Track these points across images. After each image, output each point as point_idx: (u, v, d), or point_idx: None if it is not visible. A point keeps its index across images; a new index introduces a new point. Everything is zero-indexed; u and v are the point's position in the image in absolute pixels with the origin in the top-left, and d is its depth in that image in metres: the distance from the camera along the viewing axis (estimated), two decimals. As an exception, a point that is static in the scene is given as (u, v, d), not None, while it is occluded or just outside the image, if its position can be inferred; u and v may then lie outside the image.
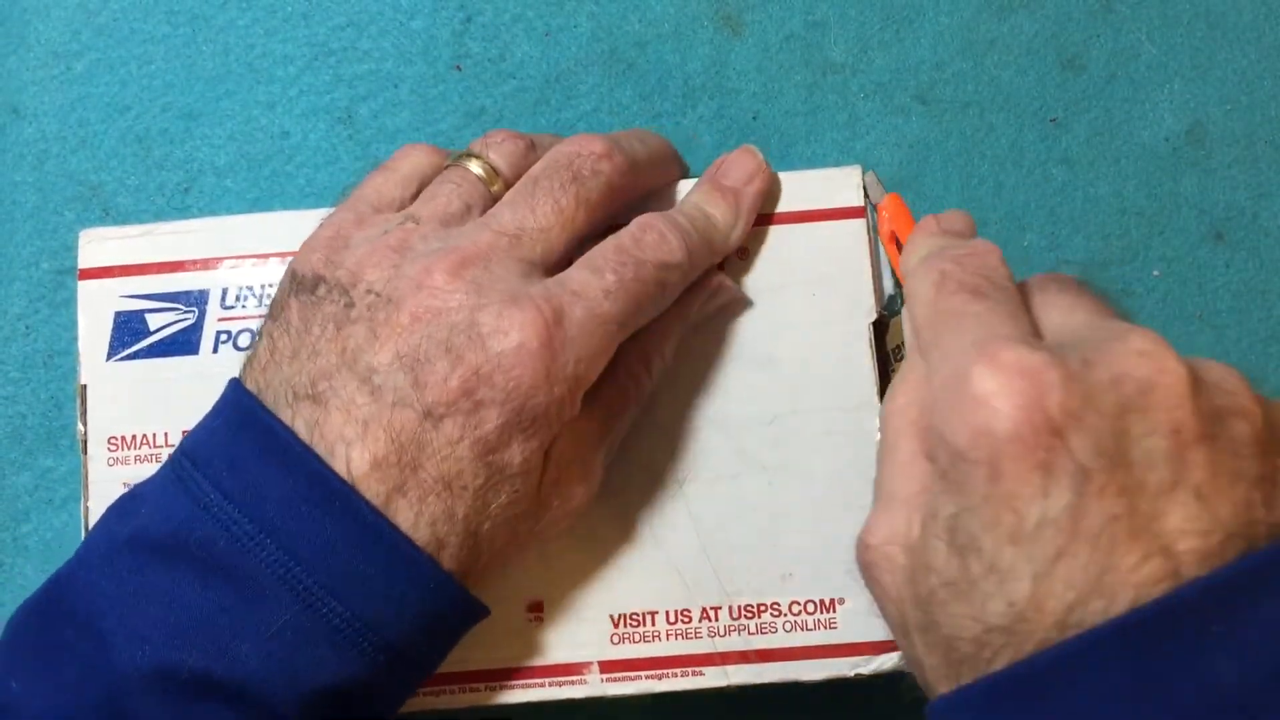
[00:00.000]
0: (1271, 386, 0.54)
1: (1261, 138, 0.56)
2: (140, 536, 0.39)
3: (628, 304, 0.42)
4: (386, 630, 0.38)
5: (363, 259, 0.41)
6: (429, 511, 0.39)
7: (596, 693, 0.45)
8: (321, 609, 0.38)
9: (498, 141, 0.45)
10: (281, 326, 0.41)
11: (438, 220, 0.43)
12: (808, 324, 0.47)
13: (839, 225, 0.48)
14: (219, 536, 0.38)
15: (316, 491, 0.38)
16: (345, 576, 0.38)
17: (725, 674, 0.45)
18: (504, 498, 0.40)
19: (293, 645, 0.37)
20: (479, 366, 0.39)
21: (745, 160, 0.48)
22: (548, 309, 0.40)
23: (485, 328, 0.39)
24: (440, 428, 0.39)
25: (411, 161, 0.46)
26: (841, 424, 0.47)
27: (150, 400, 0.47)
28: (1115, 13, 0.56)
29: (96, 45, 0.56)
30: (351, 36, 0.56)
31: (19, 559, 0.53)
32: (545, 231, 0.42)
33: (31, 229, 0.55)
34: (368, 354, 0.39)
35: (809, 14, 0.56)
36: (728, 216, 0.47)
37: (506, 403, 0.39)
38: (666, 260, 0.43)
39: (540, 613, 0.46)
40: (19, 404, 0.54)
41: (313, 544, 0.38)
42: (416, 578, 0.39)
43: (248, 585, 0.37)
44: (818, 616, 0.45)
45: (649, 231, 0.43)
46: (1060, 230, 0.55)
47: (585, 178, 0.43)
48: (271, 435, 0.39)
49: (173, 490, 0.39)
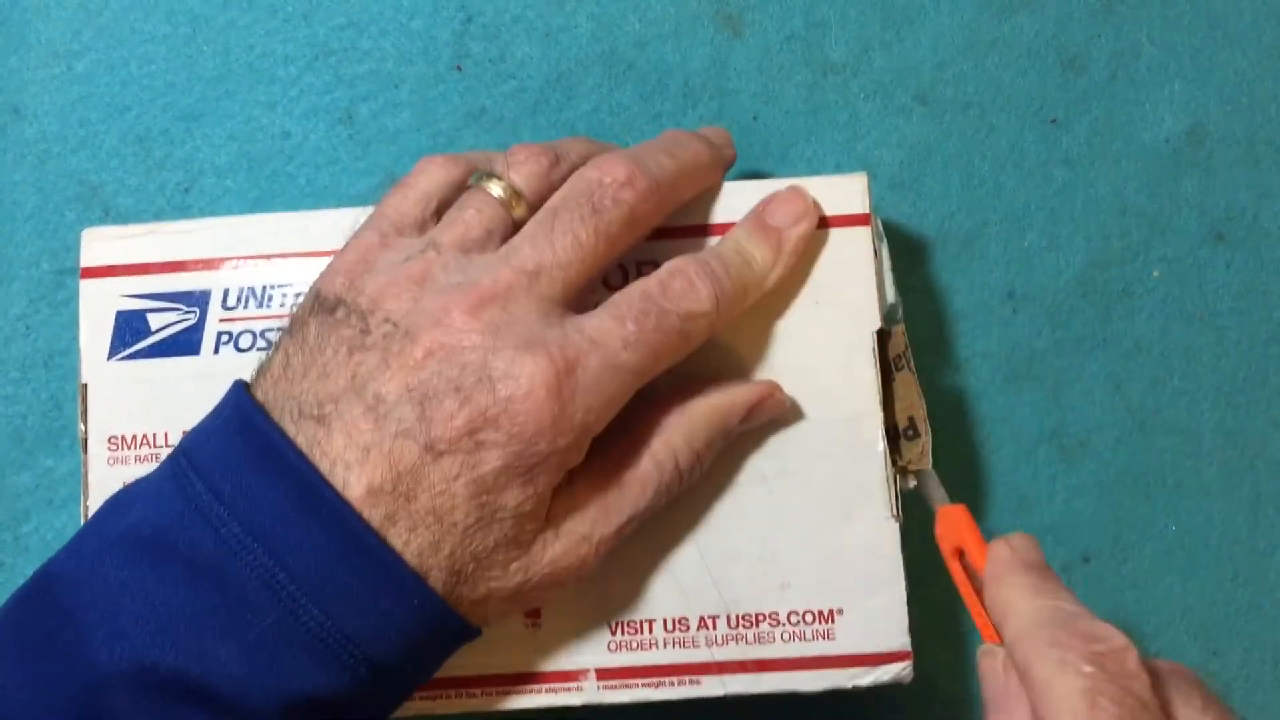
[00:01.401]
0: (1272, 387, 0.54)
1: (1262, 138, 0.55)
2: (130, 533, 0.38)
3: (646, 355, 0.41)
4: (367, 644, 0.38)
5: (384, 287, 0.41)
6: (416, 541, 0.39)
7: (593, 700, 0.45)
8: (303, 617, 0.37)
9: (520, 160, 0.44)
10: (297, 343, 0.41)
11: (458, 248, 0.42)
12: (810, 332, 0.47)
13: (843, 233, 0.47)
14: (207, 538, 0.38)
15: (308, 501, 0.38)
16: (330, 587, 0.38)
17: (722, 683, 0.45)
18: (492, 541, 0.40)
19: (272, 651, 0.37)
20: (486, 409, 0.39)
21: (794, 200, 0.46)
22: (559, 358, 0.39)
23: (496, 372, 0.39)
24: (439, 463, 0.39)
25: (429, 178, 0.45)
26: (842, 433, 0.46)
27: (151, 400, 0.46)
28: (1116, 13, 0.56)
29: (97, 45, 0.56)
30: (352, 37, 0.56)
31: (19, 558, 0.53)
32: (565, 268, 0.42)
33: (32, 229, 0.55)
34: (377, 382, 0.39)
35: (809, 14, 0.55)
36: (767, 258, 0.45)
37: (508, 446, 0.39)
38: (692, 310, 0.43)
39: (538, 619, 0.45)
40: (19, 404, 0.54)
41: (300, 552, 0.38)
42: (401, 594, 0.38)
43: (232, 588, 0.37)
44: (816, 627, 0.45)
45: (677, 278, 0.43)
46: (1060, 230, 0.54)
47: (606, 209, 0.42)
48: (269, 443, 0.39)
49: (168, 489, 0.39)
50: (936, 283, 0.54)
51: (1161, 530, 0.53)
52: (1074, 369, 0.54)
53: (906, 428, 0.46)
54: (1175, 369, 0.54)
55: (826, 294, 0.47)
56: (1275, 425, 0.54)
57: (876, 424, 0.46)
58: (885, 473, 0.46)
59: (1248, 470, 0.53)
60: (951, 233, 0.54)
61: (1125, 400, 0.54)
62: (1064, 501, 0.53)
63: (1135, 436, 0.54)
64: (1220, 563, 0.53)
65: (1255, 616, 0.53)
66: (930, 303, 0.54)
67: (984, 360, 0.54)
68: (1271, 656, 0.53)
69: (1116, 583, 0.53)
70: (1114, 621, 0.50)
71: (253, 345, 0.47)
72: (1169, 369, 0.54)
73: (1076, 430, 0.53)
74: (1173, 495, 0.53)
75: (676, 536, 0.46)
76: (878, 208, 0.47)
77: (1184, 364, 0.54)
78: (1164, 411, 0.54)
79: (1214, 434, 0.54)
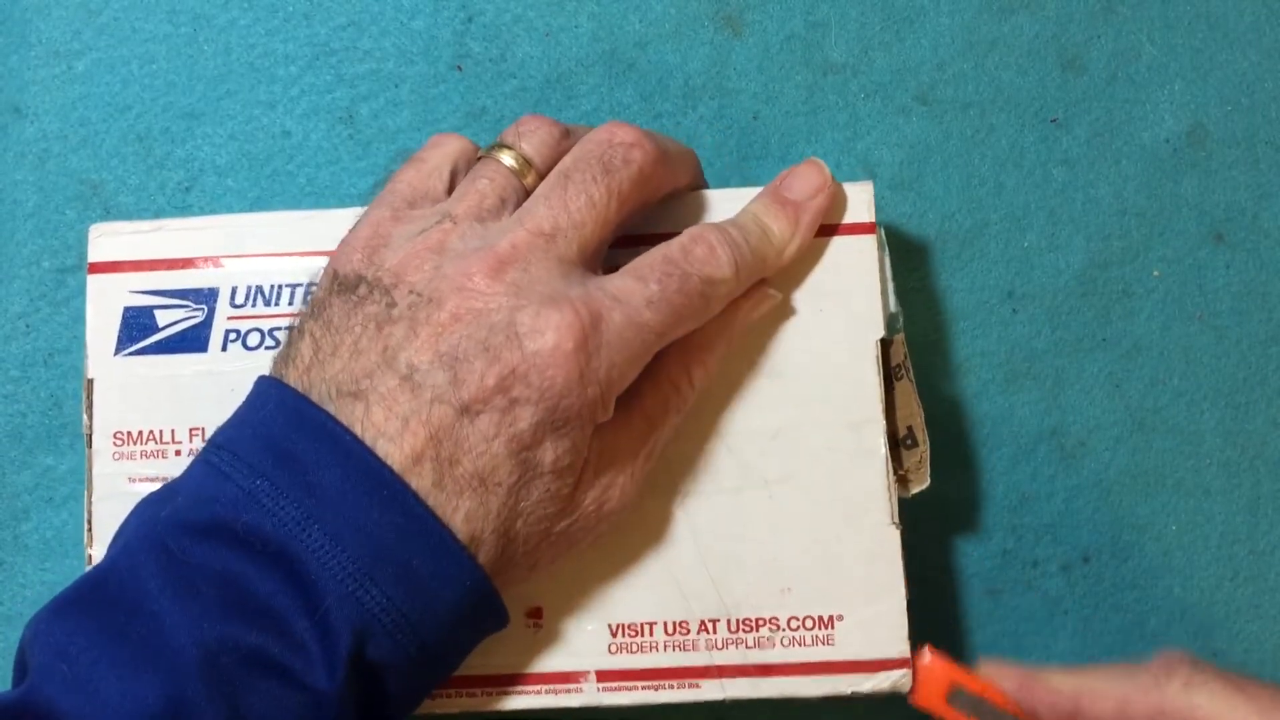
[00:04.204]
0: (1272, 387, 0.53)
1: (1261, 138, 0.54)
2: (183, 521, 0.38)
3: (668, 315, 0.41)
4: (420, 623, 0.38)
5: (404, 260, 0.41)
6: (465, 506, 0.39)
7: (593, 701, 0.44)
8: (363, 597, 0.37)
9: (530, 130, 0.44)
10: (323, 325, 0.41)
11: (473, 217, 0.42)
12: (814, 338, 0.46)
13: (849, 240, 0.46)
14: (265, 523, 0.37)
15: (367, 482, 0.38)
16: (388, 566, 0.38)
17: (722, 687, 0.44)
18: (536, 495, 0.40)
19: (335, 631, 0.37)
20: (515, 365, 0.39)
21: (811, 174, 0.46)
22: (585, 312, 0.39)
23: (523, 328, 0.39)
24: (476, 424, 0.39)
25: (442, 151, 0.45)
26: (845, 440, 0.45)
27: (157, 396, 0.46)
28: (1116, 13, 0.55)
29: (98, 44, 0.55)
30: (352, 36, 0.55)
31: (19, 557, 0.52)
32: (580, 228, 0.42)
33: (33, 228, 0.54)
34: (408, 351, 0.39)
35: (809, 14, 0.55)
36: (785, 230, 0.45)
37: (540, 401, 0.39)
38: (713, 276, 0.42)
39: (539, 619, 0.45)
40: (19, 402, 0.53)
41: (359, 533, 0.37)
42: (455, 573, 0.38)
43: (294, 570, 0.37)
44: (816, 632, 0.44)
45: (699, 244, 0.43)
46: (1060, 230, 0.54)
47: (617, 168, 0.42)
48: (322, 428, 0.39)
49: (213, 481, 0.39)
50: (936, 282, 0.53)
51: (1161, 530, 0.53)
52: (1074, 369, 0.53)
53: (905, 436, 0.46)
54: (1175, 369, 0.53)
55: (831, 301, 0.46)
56: (1275, 425, 0.53)
57: (879, 431, 0.45)
58: (886, 479, 0.45)
59: (1248, 470, 0.53)
60: (951, 233, 0.54)
61: (1125, 400, 0.53)
62: (1064, 501, 0.53)
63: (1135, 436, 0.53)
64: (1220, 563, 0.52)
65: (1255, 616, 0.52)
66: (930, 302, 0.53)
67: (984, 360, 0.53)
68: (1271, 656, 0.52)
69: (1116, 583, 0.52)
70: (1114, 621, 0.50)
71: (261, 343, 0.46)
72: (1169, 369, 0.53)
73: (1076, 430, 0.53)
74: (1173, 495, 0.53)
75: (678, 540, 0.45)
76: (877, 208, 0.47)
77: (1184, 364, 0.53)
78: (1164, 411, 0.53)
79: (1214, 434, 0.53)
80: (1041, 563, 0.52)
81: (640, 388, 0.42)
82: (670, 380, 0.44)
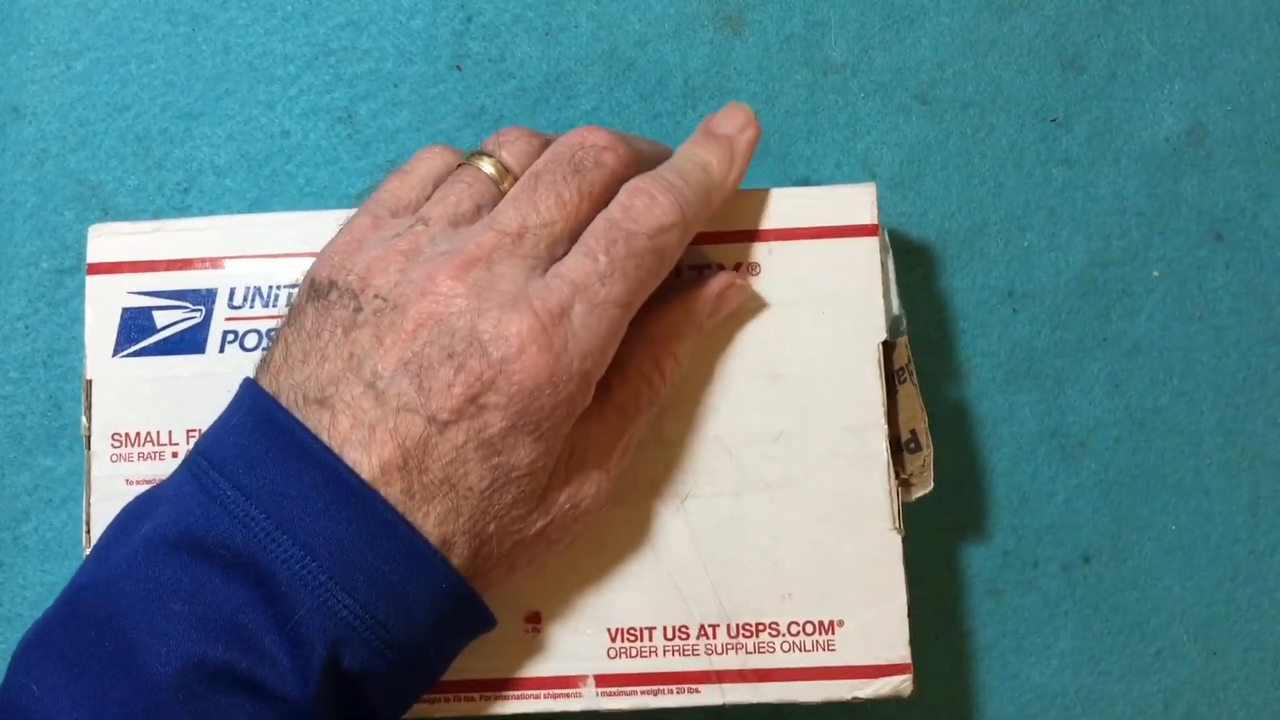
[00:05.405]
0: (1272, 387, 0.53)
1: (1261, 138, 0.54)
2: (158, 536, 0.38)
3: (626, 284, 0.40)
4: (397, 629, 0.38)
5: (372, 264, 0.40)
6: (435, 511, 0.38)
7: (591, 706, 0.44)
8: (335, 605, 0.37)
9: (510, 139, 0.44)
10: (296, 330, 0.40)
11: (447, 221, 0.41)
12: (816, 342, 0.45)
13: (851, 243, 0.46)
14: (236, 534, 0.37)
15: (335, 490, 0.37)
16: (359, 573, 0.37)
17: (721, 692, 0.44)
18: (509, 497, 0.39)
19: (308, 641, 0.36)
20: (481, 373, 0.38)
21: (735, 113, 0.45)
22: (543, 310, 0.39)
23: (485, 334, 0.38)
24: (445, 433, 0.38)
25: (427, 164, 0.44)
26: (846, 444, 0.45)
27: (155, 397, 0.45)
28: (1116, 13, 0.54)
29: (96, 44, 0.55)
30: (351, 36, 0.54)
31: (19, 558, 0.52)
32: (549, 226, 0.41)
33: (31, 228, 0.53)
34: (373, 359, 0.38)
35: (809, 14, 0.54)
36: (723, 161, 0.44)
37: (509, 406, 0.38)
38: (660, 223, 0.41)
39: (538, 624, 0.44)
40: (18, 403, 0.53)
41: (329, 541, 0.37)
42: (429, 576, 0.38)
43: (265, 581, 0.37)
44: (816, 638, 0.44)
45: (638, 196, 0.41)
46: (1060, 230, 0.53)
47: (588, 169, 0.42)
48: (290, 435, 0.38)
49: (190, 490, 0.38)
50: (936, 282, 0.53)
51: (1161, 530, 0.52)
52: (1074, 369, 0.52)
53: (908, 440, 0.45)
54: (1175, 369, 0.53)
55: (832, 304, 0.46)
56: (1275, 425, 0.53)
57: (880, 436, 0.45)
58: (888, 485, 0.45)
59: (1248, 470, 0.52)
60: (951, 233, 0.53)
61: (1125, 400, 0.52)
62: (1064, 501, 0.52)
63: (1135, 436, 0.52)
64: (1220, 563, 0.52)
65: (1255, 616, 0.52)
66: (930, 302, 0.53)
67: (984, 360, 0.53)
68: (1271, 656, 0.52)
69: (1116, 583, 0.52)
70: (1114, 621, 0.49)
71: (258, 345, 0.46)
72: (1169, 369, 0.53)
73: (1076, 430, 0.52)
74: (1173, 495, 0.52)
75: (678, 544, 0.45)
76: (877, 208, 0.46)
77: (1184, 364, 0.53)
78: (1164, 411, 0.52)
79: (1214, 434, 0.52)
80: (1042, 563, 0.51)
81: (610, 380, 0.42)
82: (640, 373, 0.43)
